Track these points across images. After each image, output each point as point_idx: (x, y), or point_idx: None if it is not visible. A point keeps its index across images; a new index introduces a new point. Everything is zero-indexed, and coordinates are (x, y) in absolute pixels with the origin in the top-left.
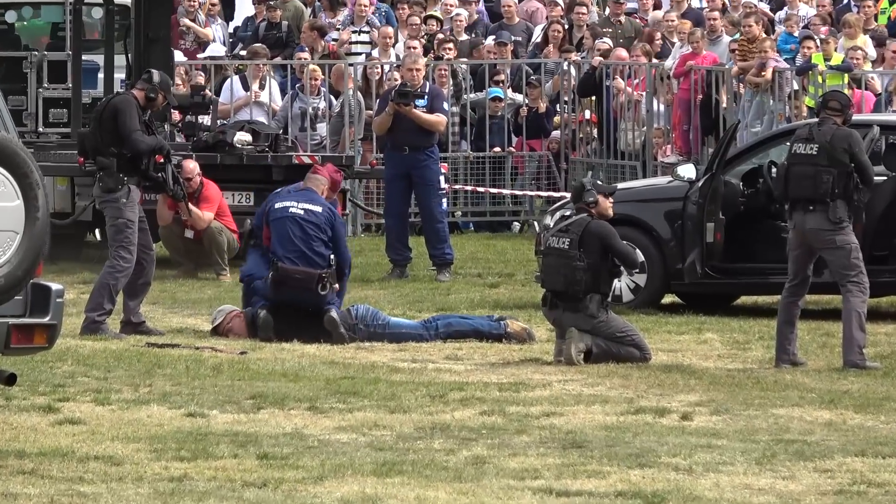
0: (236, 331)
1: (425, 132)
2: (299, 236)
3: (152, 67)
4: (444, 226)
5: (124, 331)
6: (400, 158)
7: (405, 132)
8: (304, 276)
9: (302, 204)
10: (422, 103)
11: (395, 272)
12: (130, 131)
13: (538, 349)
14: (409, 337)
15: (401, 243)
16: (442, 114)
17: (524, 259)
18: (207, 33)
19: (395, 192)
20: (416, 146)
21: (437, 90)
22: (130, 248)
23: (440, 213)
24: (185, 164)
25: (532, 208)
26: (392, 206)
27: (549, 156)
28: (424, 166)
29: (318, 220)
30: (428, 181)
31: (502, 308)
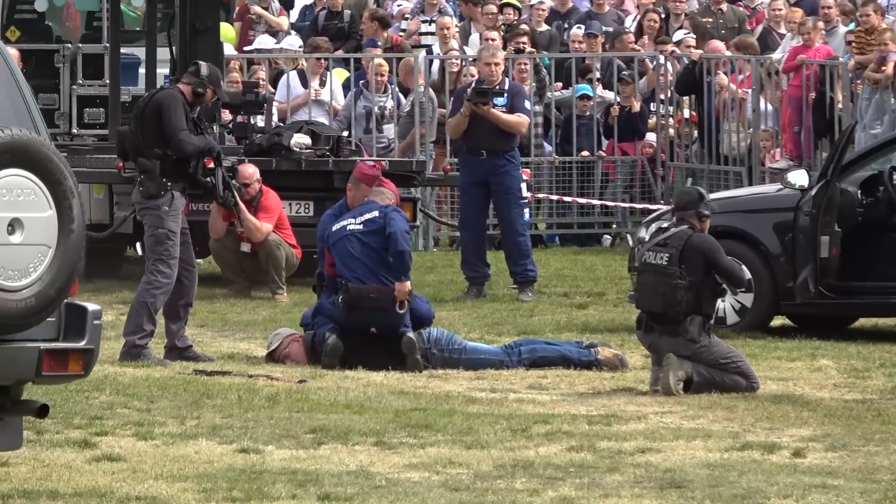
0: (294, 357)
1: (505, 134)
2: (363, 253)
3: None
4: (527, 239)
5: (169, 356)
6: (476, 164)
7: (482, 134)
8: (379, 295)
9: (360, 218)
10: (501, 102)
11: (471, 291)
12: (176, 130)
13: (632, 378)
14: (487, 363)
15: (478, 259)
16: (523, 114)
17: (616, 276)
18: (281, 22)
19: (471, 202)
20: (494, 150)
21: (517, 87)
22: (170, 263)
23: (521, 224)
24: (243, 169)
25: (625, 219)
26: (468, 218)
27: (644, 161)
28: (504, 172)
29: (377, 225)
30: (508, 189)
31: (592, 332)
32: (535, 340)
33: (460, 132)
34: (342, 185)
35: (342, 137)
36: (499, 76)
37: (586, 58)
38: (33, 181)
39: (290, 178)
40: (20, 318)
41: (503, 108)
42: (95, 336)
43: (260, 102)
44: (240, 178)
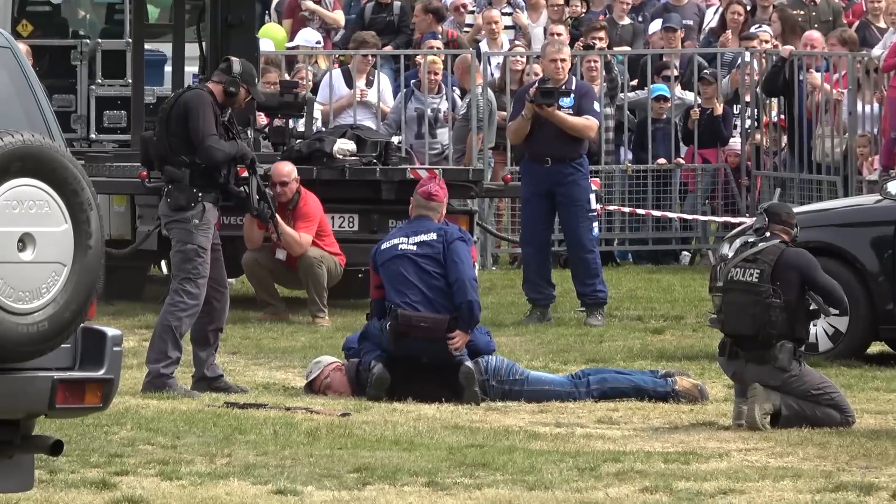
0: (336, 387)
1: (572, 140)
2: (416, 276)
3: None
4: (596, 256)
5: (197, 387)
6: (540, 172)
7: (547, 140)
8: (432, 324)
9: (413, 238)
10: (567, 103)
11: (534, 314)
12: (205, 135)
13: (713, 410)
14: (552, 395)
15: (541, 278)
16: (593, 116)
17: (695, 298)
18: (337, 18)
19: (534, 215)
20: (560, 157)
21: (586, 87)
22: (199, 282)
23: (590, 240)
24: (279, 167)
25: (706, 234)
26: (531, 233)
27: (727, 169)
28: (571, 182)
29: (435, 251)
30: (575, 200)
31: (668, 359)
32: (605, 369)
33: (522, 137)
34: (390, 197)
35: (391, 143)
36: (565, 74)
37: (663, 54)
38: (47, 192)
39: (332, 189)
40: (32, 345)
41: (570, 111)
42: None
43: (299, 104)
44: (275, 177)
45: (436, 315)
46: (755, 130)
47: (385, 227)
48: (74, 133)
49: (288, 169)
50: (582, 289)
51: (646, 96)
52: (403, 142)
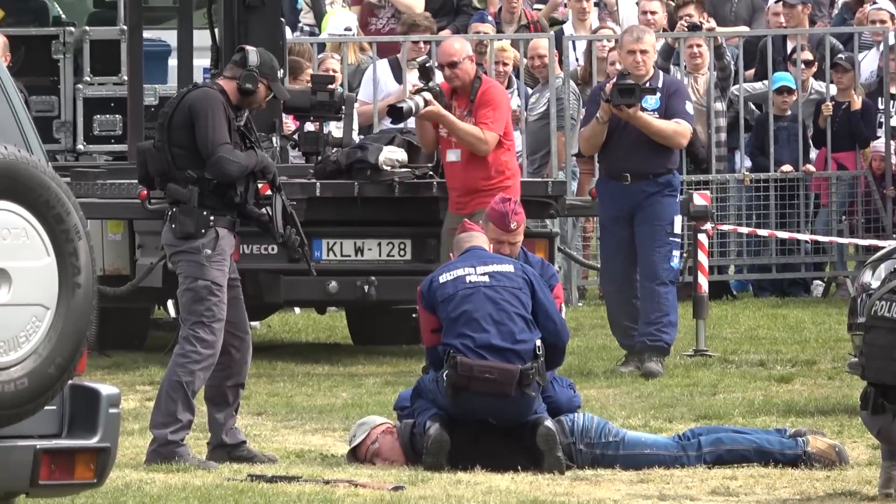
0: (386, 454)
1: (658, 150)
2: (490, 315)
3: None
4: (670, 291)
5: (214, 456)
6: (619, 191)
7: (627, 150)
8: (499, 375)
9: (482, 267)
10: (652, 105)
11: (631, 362)
12: (216, 143)
13: (854, 477)
14: (654, 460)
15: (631, 320)
16: (684, 119)
17: (831, 337)
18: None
19: (614, 246)
20: (642, 172)
21: (675, 84)
22: (213, 327)
23: (666, 270)
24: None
25: (842, 259)
26: (612, 267)
27: (869, 177)
28: (653, 201)
29: (515, 285)
30: (655, 219)
31: (798, 415)
32: (719, 428)
33: (597, 146)
34: None
35: None
36: (648, 69)
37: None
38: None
39: (379, 208)
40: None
41: (655, 113)
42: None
43: (336, 104)
44: (441, 58)
45: (505, 365)
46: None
47: (444, 254)
48: (58, 143)
49: (458, 46)
50: (644, 328)
51: (766, 88)
52: None
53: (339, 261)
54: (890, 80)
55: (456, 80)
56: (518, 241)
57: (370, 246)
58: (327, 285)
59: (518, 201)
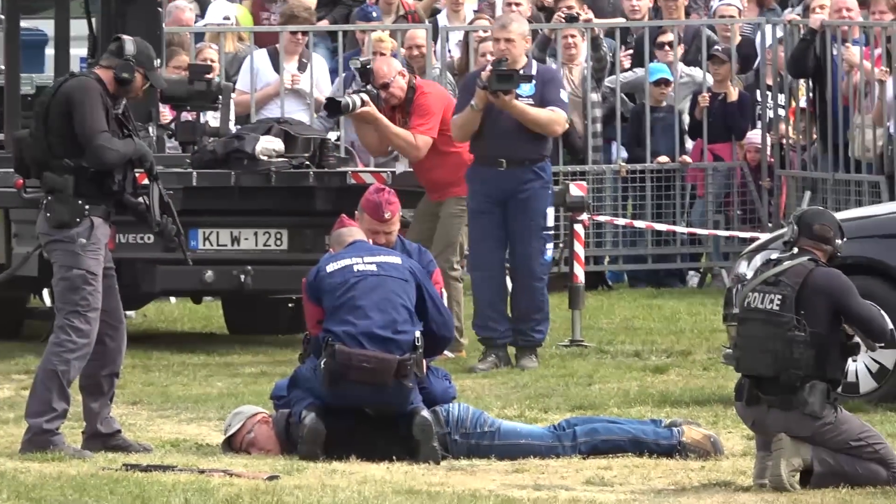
0: (262, 444)
1: (532, 137)
2: (375, 303)
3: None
4: (543, 287)
5: (89, 446)
6: (492, 178)
7: (501, 137)
8: (377, 364)
9: (370, 258)
10: (527, 92)
11: (489, 358)
12: (94, 131)
13: (729, 467)
14: (530, 450)
15: (495, 311)
16: (558, 107)
17: (706, 328)
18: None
19: (483, 231)
20: (517, 159)
21: (550, 72)
22: (88, 316)
23: (541, 265)
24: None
25: (718, 250)
26: (480, 254)
27: (745, 168)
28: (528, 190)
29: (402, 276)
30: (530, 213)
31: (673, 405)
32: (595, 419)
33: (470, 133)
34: (327, 207)
35: (327, 141)
36: (515, 57)
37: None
38: None
39: (255, 198)
40: None
41: (529, 100)
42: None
43: (213, 93)
44: (376, 80)
45: (383, 354)
46: (779, 121)
47: (321, 245)
48: None
49: (386, 68)
50: (519, 325)
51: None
52: (343, 139)
53: (215, 250)
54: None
55: (393, 98)
56: (393, 230)
57: (247, 236)
58: (203, 275)
59: (392, 191)
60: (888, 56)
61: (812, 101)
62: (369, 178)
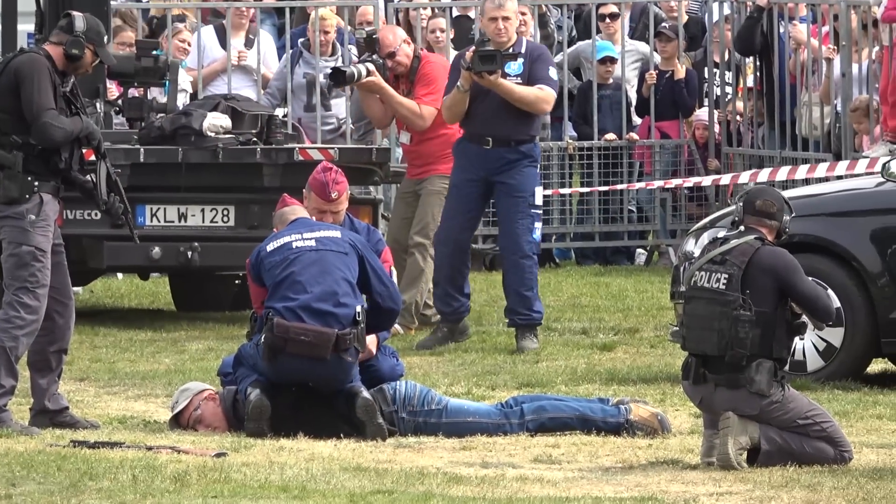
0: (209, 420)
1: (520, 116)
2: (314, 277)
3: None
4: (534, 264)
5: (36, 422)
6: (477, 155)
7: (488, 116)
8: (314, 338)
9: (309, 233)
10: (515, 70)
11: (440, 333)
12: (40, 109)
13: (676, 445)
14: (477, 428)
15: (453, 286)
16: (548, 85)
17: (654, 306)
18: None
19: (458, 207)
20: (504, 138)
21: (538, 49)
22: (37, 292)
23: (530, 242)
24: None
25: (665, 227)
26: (449, 228)
27: (693, 146)
28: (514, 169)
29: (342, 249)
30: (518, 190)
31: (620, 382)
32: (542, 396)
33: (459, 115)
34: (274, 184)
35: (274, 117)
36: (510, 36)
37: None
38: None
39: (202, 174)
40: None
41: (517, 79)
42: None
43: (161, 69)
44: (382, 49)
45: (321, 328)
46: (727, 98)
47: (267, 221)
48: None
49: (391, 38)
50: (513, 303)
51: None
52: (290, 115)
53: (162, 227)
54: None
55: (399, 66)
56: (341, 209)
57: (193, 212)
58: (150, 251)
59: (339, 170)
60: (835, 34)
61: (759, 78)
62: (317, 154)
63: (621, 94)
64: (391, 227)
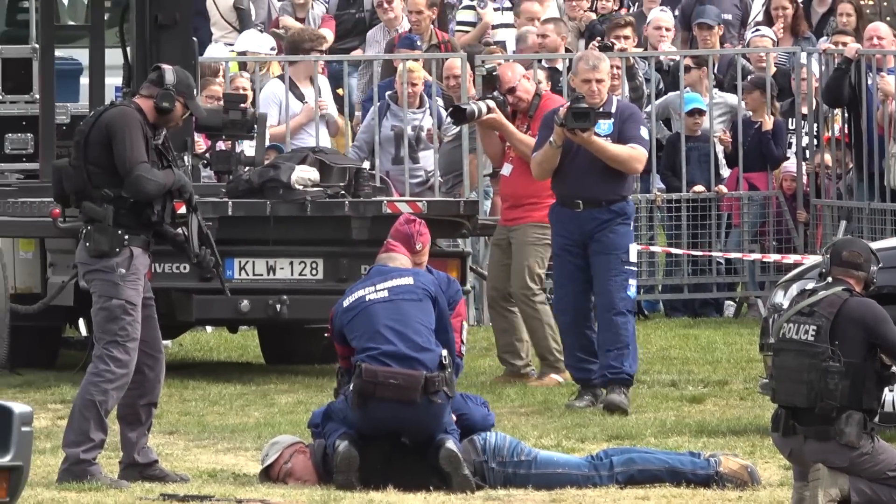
0: (299, 473)
1: (612, 176)
2: (389, 326)
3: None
4: (628, 322)
5: (126, 476)
6: (571, 219)
7: (579, 176)
8: (403, 381)
9: (382, 284)
10: (605, 130)
11: (585, 397)
12: (133, 163)
13: (766, 497)
14: (566, 480)
15: (585, 352)
16: (639, 144)
17: (743, 357)
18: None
19: (566, 272)
20: (594, 199)
21: (630, 108)
22: (127, 346)
23: (623, 299)
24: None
25: (754, 279)
26: (565, 296)
27: (781, 197)
28: (607, 229)
29: (415, 297)
30: (610, 248)
31: (710, 435)
32: (632, 449)
33: (550, 171)
34: (362, 237)
35: (362, 170)
36: (602, 97)
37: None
38: None
39: (291, 227)
40: None
41: (608, 139)
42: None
43: (248, 122)
44: (502, 86)
45: (409, 371)
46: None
47: (356, 274)
48: None
49: (510, 74)
50: (605, 360)
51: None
52: (378, 168)
53: (251, 280)
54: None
55: (520, 102)
56: (423, 261)
57: (282, 265)
58: (239, 304)
59: (423, 222)
60: None
61: (847, 130)
62: (405, 207)
63: (709, 147)
64: (490, 276)
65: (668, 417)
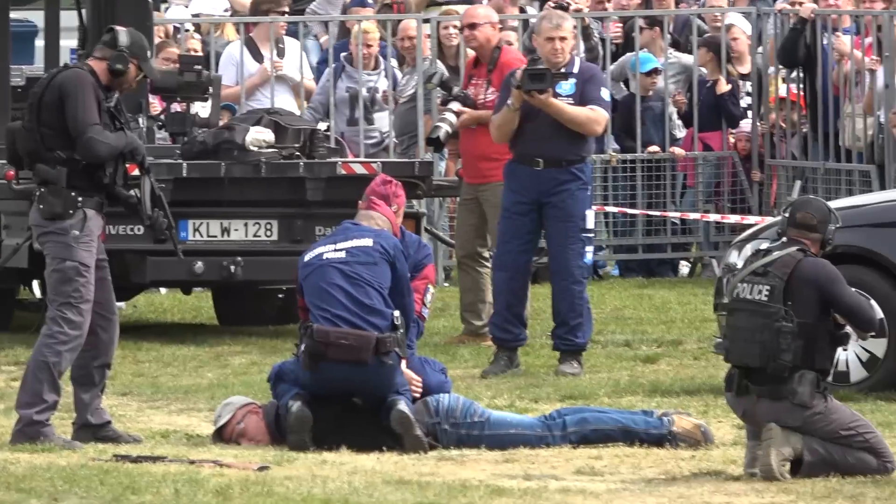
0: (252, 434)
1: (571, 137)
2: (341, 287)
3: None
4: (583, 289)
5: (79, 437)
6: (528, 177)
7: (539, 136)
8: (355, 341)
9: (342, 244)
10: (567, 90)
11: (500, 361)
12: (85, 124)
13: (719, 456)
14: (520, 440)
15: (513, 314)
16: (599, 106)
17: (697, 317)
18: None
19: (513, 231)
20: (555, 159)
21: (591, 69)
22: (81, 308)
23: (579, 267)
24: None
25: (708, 239)
26: (506, 253)
27: (736, 158)
28: (565, 191)
29: (370, 259)
30: (567, 214)
31: (663, 394)
32: (585, 408)
33: (509, 134)
34: (317, 197)
35: (317, 131)
36: (566, 56)
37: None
38: None
39: (245, 189)
40: None
41: (569, 99)
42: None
43: (203, 84)
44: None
45: (360, 331)
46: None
47: (311, 235)
48: None
49: (482, 12)
50: (559, 329)
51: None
52: (333, 129)
53: (205, 241)
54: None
55: (473, 41)
56: (398, 222)
57: (237, 226)
58: (193, 266)
59: (399, 183)
60: (878, 45)
61: (803, 90)
62: (359, 168)
63: (664, 106)
64: (458, 237)
65: (622, 377)
